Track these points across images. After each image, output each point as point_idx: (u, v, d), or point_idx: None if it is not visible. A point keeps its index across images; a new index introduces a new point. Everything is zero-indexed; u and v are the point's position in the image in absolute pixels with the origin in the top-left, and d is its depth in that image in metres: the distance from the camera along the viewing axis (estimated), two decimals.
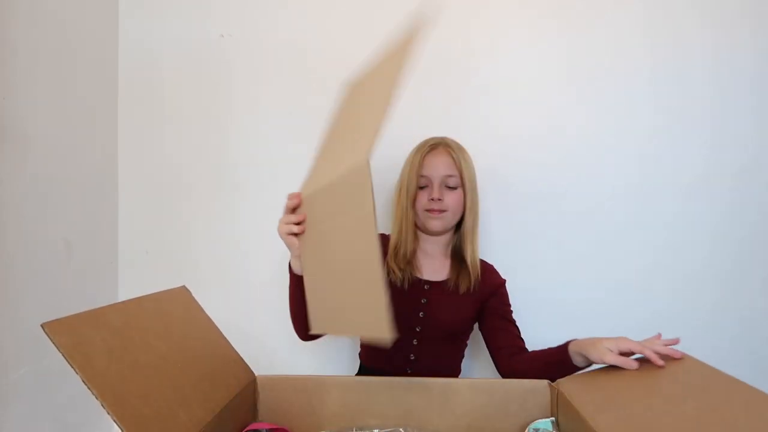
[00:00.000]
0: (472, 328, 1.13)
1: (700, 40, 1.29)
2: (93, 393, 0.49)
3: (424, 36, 0.70)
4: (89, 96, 1.27)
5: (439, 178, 1.04)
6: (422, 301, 1.06)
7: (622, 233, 1.31)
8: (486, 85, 1.32)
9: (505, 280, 1.12)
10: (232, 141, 1.37)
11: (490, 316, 1.07)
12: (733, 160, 1.29)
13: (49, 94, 1.13)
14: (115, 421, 0.49)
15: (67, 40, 1.19)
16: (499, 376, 1.01)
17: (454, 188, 1.05)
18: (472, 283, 1.06)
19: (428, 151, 1.06)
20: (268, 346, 1.34)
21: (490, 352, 1.06)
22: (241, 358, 0.84)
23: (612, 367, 0.77)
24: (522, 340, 1.05)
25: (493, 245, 1.28)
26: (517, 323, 1.08)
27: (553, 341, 0.97)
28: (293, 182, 1.35)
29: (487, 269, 1.12)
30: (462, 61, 1.32)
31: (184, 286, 0.82)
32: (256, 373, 0.84)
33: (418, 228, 1.10)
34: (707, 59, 1.28)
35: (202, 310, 0.83)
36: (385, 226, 1.20)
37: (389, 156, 1.13)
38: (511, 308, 1.09)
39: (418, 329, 1.06)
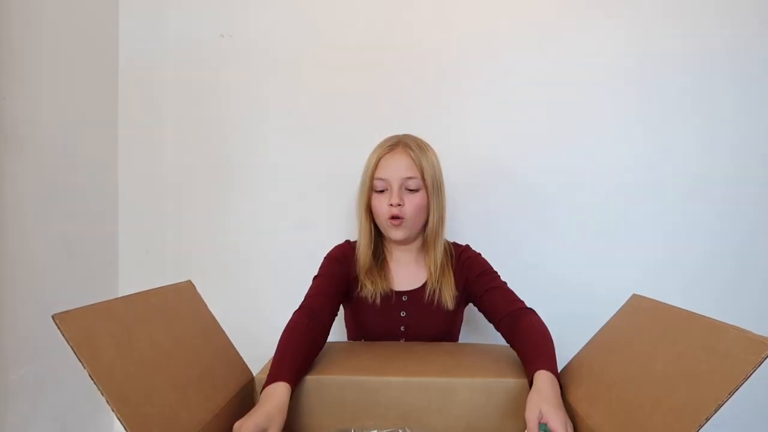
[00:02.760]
0: (459, 329, 1.10)
1: (700, 40, 1.29)
2: (99, 389, 0.49)
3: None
4: (89, 96, 1.27)
5: (398, 181, 0.97)
6: (401, 314, 1.01)
7: (622, 233, 1.31)
8: (486, 84, 1.32)
9: (478, 254, 1.05)
10: (231, 141, 1.37)
11: (480, 295, 1.00)
12: (733, 160, 1.29)
13: (49, 94, 1.13)
14: (119, 419, 0.49)
15: (67, 40, 1.19)
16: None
17: (415, 191, 0.98)
18: (451, 285, 1.01)
19: (386, 152, 0.99)
20: (267, 347, 1.34)
21: (493, 325, 0.98)
22: (241, 358, 0.85)
23: (594, 343, 0.80)
24: (518, 300, 0.96)
25: (494, 244, 1.29)
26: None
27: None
28: (293, 182, 1.36)
29: (460, 258, 1.04)
30: (461, 60, 1.33)
31: (189, 281, 0.83)
32: (254, 374, 0.85)
33: (382, 235, 1.04)
34: (708, 59, 1.29)
35: (205, 305, 0.83)
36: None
37: None
38: (496, 272, 1.02)
39: (402, 341, 1.02)
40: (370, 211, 1.02)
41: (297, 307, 0.92)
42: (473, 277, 1.02)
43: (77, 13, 1.22)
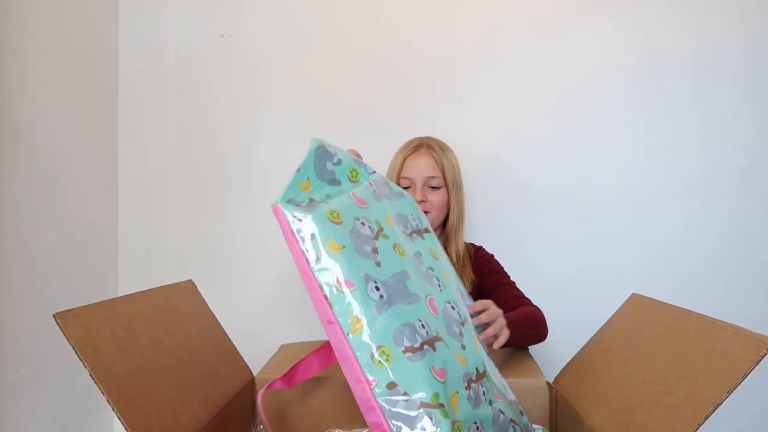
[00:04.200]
0: None
1: (699, 40, 1.29)
2: (99, 388, 0.49)
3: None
4: (89, 96, 1.27)
5: (421, 180, 1.07)
6: None
7: (622, 233, 1.31)
8: (487, 84, 1.33)
9: (492, 255, 1.14)
10: (232, 141, 1.37)
11: (491, 289, 1.07)
12: (735, 160, 1.29)
13: (49, 94, 1.13)
14: (119, 419, 0.49)
15: (67, 40, 1.19)
16: None
17: (437, 188, 1.08)
18: (469, 272, 1.09)
19: (410, 153, 1.09)
20: (267, 347, 1.34)
21: None
22: (241, 358, 0.85)
23: (595, 341, 0.81)
24: (525, 298, 1.04)
25: (493, 244, 1.29)
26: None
27: (552, 341, 0.98)
28: None
29: (477, 255, 1.13)
30: (461, 60, 1.33)
31: (190, 280, 0.83)
32: (255, 374, 0.85)
33: None
34: (710, 57, 1.29)
35: (206, 305, 0.83)
36: None
37: (388, 156, 1.14)
38: (507, 273, 1.10)
39: None
40: None
41: None
42: (486, 272, 1.10)
43: (77, 12, 1.23)
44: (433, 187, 1.08)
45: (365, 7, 1.34)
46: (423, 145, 1.10)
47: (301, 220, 0.62)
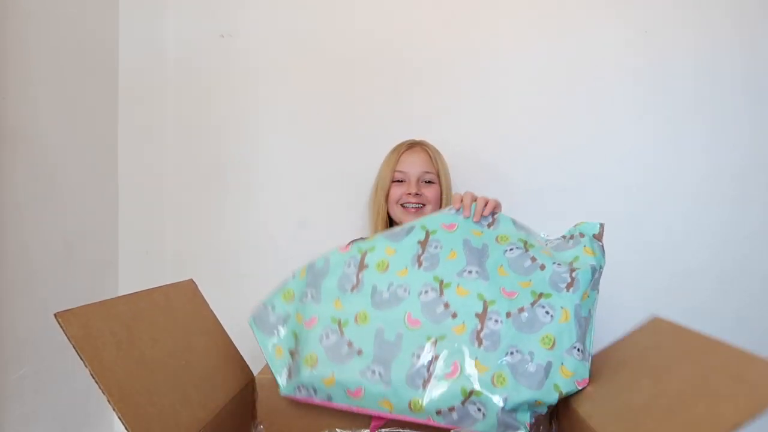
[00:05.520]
0: None
1: (700, 40, 1.29)
2: (100, 388, 0.49)
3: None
4: (89, 96, 1.27)
5: (416, 175, 1.10)
6: None
7: (622, 233, 1.31)
8: (487, 84, 1.33)
9: None
10: (231, 141, 1.37)
11: None
12: (736, 160, 1.29)
13: (49, 94, 1.13)
14: (120, 419, 0.49)
15: (67, 40, 1.19)
16: None
17: (431, 183, 1.11)
18: None
19: (406, 150, 1.12)
20: None
21: None
22: (242, 357, 0.85)
23: (605, 354, 0.79)
24: None
25: None
26: None
27: None
28: (293, 183, 1.36)
29: None
30: (463, 60, 1.33)
31: (191, 280, 0.83)
32: (255, 373, 0.84)
33: (396, 224, 1.11)
34: (714, 56, 1.29)
35: (207, 305, 0.83)
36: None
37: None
38: None
39: None
40: (386, 201, 1.12)
41: None
42: None
43: (77, 13, 1.22)
44: (427, 182, 1.10)
45: (365, 7, 1.34)
46: (418, 144, 1.14)
47: (300, 390, 0.77)
